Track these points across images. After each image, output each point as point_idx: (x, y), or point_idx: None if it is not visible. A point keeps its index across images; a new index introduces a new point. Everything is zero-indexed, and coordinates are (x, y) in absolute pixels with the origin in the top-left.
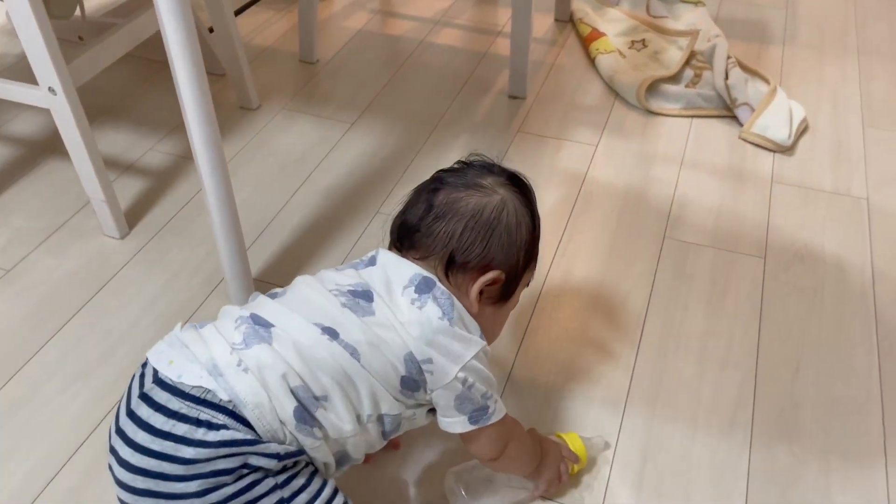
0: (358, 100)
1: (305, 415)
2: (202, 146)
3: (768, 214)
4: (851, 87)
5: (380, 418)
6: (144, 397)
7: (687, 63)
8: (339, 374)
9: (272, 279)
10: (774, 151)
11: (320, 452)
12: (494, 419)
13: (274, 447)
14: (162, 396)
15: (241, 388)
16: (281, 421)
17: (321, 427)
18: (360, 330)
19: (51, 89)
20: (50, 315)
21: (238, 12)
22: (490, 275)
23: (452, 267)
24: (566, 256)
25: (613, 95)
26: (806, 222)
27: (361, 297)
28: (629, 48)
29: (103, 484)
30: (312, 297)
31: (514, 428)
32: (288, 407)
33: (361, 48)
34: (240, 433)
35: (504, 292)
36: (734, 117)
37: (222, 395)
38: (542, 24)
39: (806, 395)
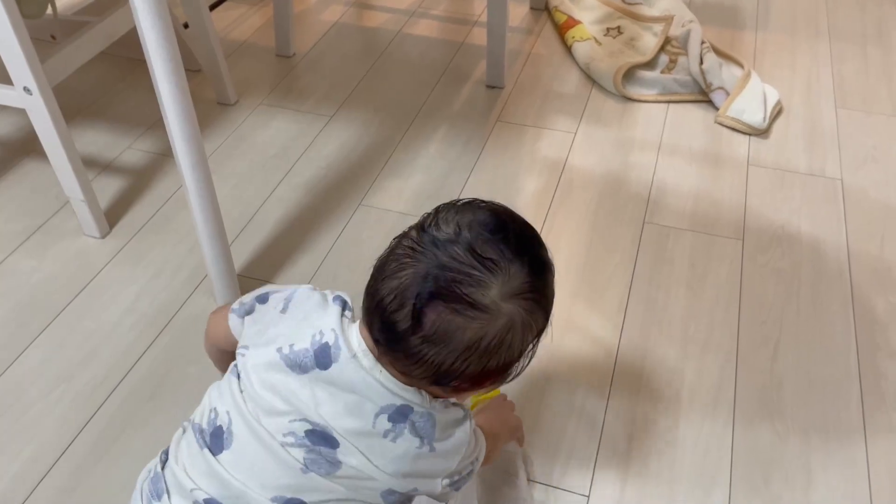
0: (336, 93)
1: None
2: (182, 143)
3: (745, 197)
4: (823, 70)
5: None
6: None
7: (662, 49)
8: None
9: (256, 274)
10: (750, 135)
11: None
12: (477, 466)
13: None
14: None
15: None
16: None
17: None
18: (328, 490)
19: (26, 89)
20: (32, 317)
21: (213, 7)
22: (484, 388)
23: (439, 387)
24: (548, 244)
25: (590, 83)
26: (782, 204)
27: (322, 443)
28: (605, 35)
29: (93, 484)
30: (264, 458)
31: (487, 445)
32: None
33: (338, 41)
34: None
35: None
36: (710, 102)
37: None
38: (518, 13)
39: (786, 373)
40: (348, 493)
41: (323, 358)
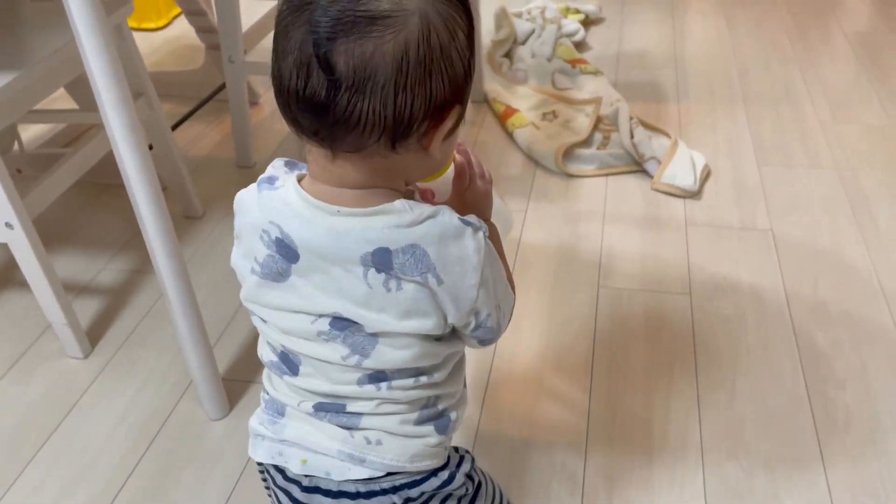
0: None
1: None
2: (164, 256)
3: (687, 254)
4: (743, 131)
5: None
6: None
7: (595, 128)
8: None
9: (239, 376)
10: (684, 197)
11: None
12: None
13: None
14: (325, 502)
15: (389, 458)
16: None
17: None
18: (392, 351)
19: (8, 224)
20: (25, 440)
21: (173, 128)
22: (448, 122)
23: (399, 140)
24: (513, 317)
25: (534, 164)
26: (721, 257)
27: (348, 325)
28: (542, 120)
29: None
30: (324, 356)
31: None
32: (428, 431)
33: (294, 148)
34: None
35: (460, 117)
36: (644, 171)
37: (379, 474)
38: None
39: (745, 411)
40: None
41: (287, 251)
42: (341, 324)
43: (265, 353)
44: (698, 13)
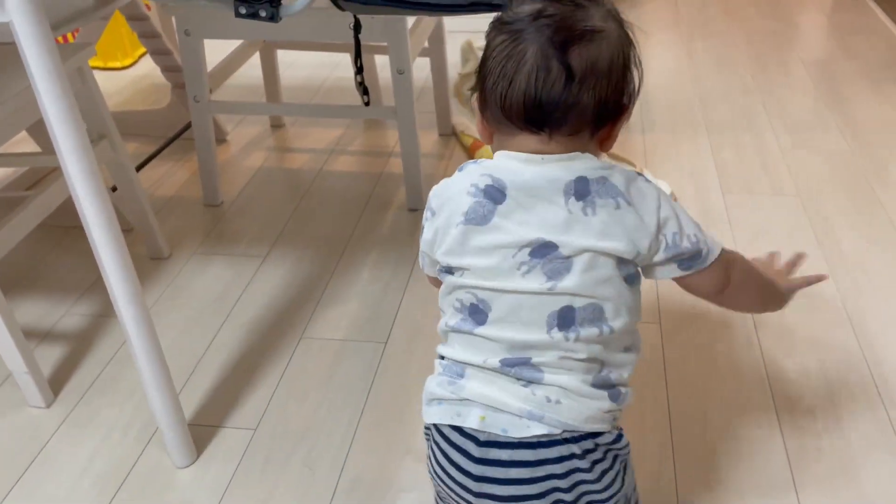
0: (267, 234)
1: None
2: (125, 302)
3: (656, 283)
4: (706, 161)
5: None
6: (485, 462)
7: None
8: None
9: (206, 421)
10: None
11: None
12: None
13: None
14: (502, 454)
15: (566, 416)
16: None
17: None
18: (582, 282)
19: None
20: None
21: (139, 168)
22: (623, 121)
23: (597, 128)
24: None
25: None
26: None
27: (546, 251)
28: None
29: None
30: (521, 300)
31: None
32: (602, 395)
33: (263, 185)
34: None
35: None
36: None
37: (557, 432)
38: (429, 140)
39: (718, 441)
40: (602, 272)
41: (494, 196)
42: (541, 251)
43: (450, 315)
44: (659, 45)
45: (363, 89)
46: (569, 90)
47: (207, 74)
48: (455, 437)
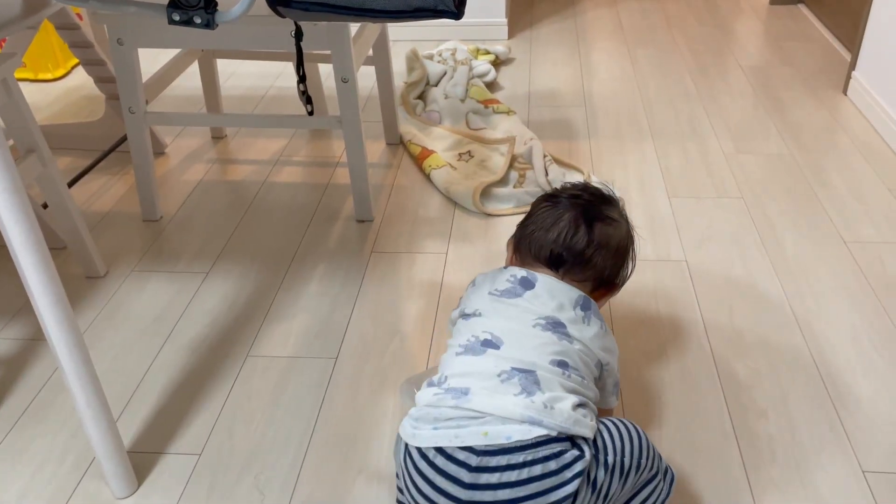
0: (209, 249)
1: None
2: (55, 327)
3: None
4: (652, 166)
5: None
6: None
7: (510, 166)
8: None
9: (147, 448)
10: None
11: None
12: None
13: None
14: (500, 460)
15: (560, 420)
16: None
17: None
18: (576, 354)
19: None
20: None
21: (71, 183)
22: (612, 293)
23: (597, 287)
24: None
25: (452, 205)
26: (639, 289)
27: (558, 327)
28: (458, 160)
29: None
30: (531, 341)
31: None
32: (585, 412)
33: (205, 198)
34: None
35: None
36: None
37: (554, 433)
38: (376, 149)
39: (673, 448)
40: (585, 360)
41: (526, 284)
42: (553, 324)
43: (461, 341)
44: (603, 52)
45: (306, 98)
46: (586, 249)
47: (143, 85)
48: (440, 461)
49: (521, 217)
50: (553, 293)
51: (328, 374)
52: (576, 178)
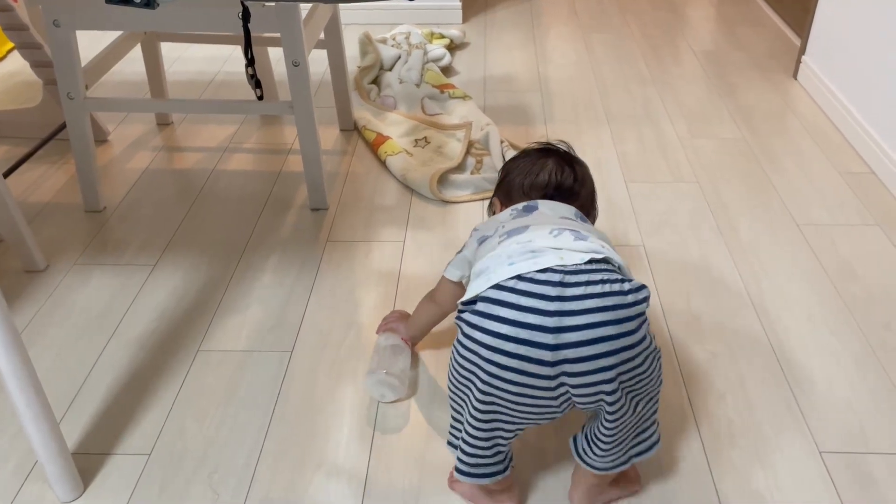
0: (156, 240)
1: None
2: None
3: None
4: (608, 151)
5: None
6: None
7: (468, 152)
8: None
9: (93, 448)
10: None
11: None
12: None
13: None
14: (580, 277)
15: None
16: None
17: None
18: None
19: None
20: None
21: (8, 173)
22: (591, 220)
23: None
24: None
25: (409, 192)
26: None
27: (571, 228)
28: (414, 146)
29: None
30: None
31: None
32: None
33: (150, 188)
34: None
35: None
36: None
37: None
38: (329, 136)
39: None
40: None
41: (529, 209)
42: (566, 226)
43: (504, 223)
44: (558, 37)
45: (255, 82)
46: (574, 184)
47: (82, 69)
48: (524, 285)
49: (480, 203)
50: (555, 209)
51: (283, 368)
52: None
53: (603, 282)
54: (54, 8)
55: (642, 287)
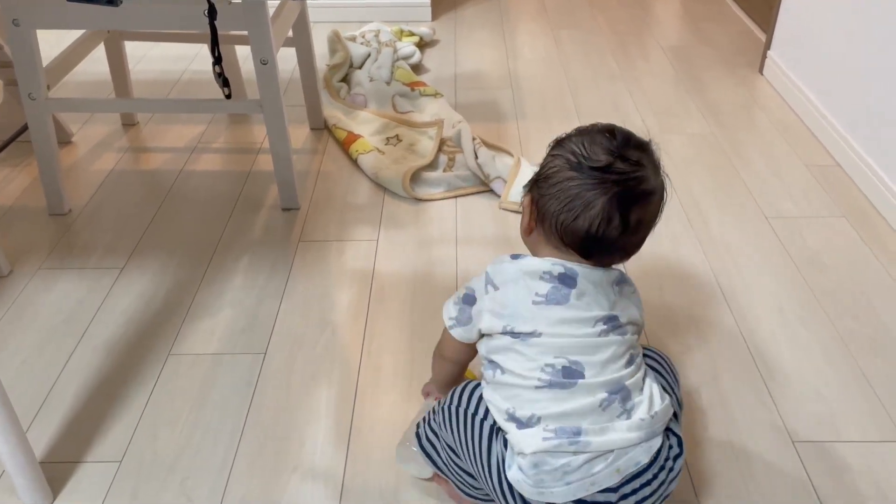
0: (123, 243)
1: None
2: None
3: None
4: None
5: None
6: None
7: (440, 150)
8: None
9: (62, 457)
10: None
11: None
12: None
13: None
14: (635, 484)
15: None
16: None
17: None
18: (633, 337)
19: None
20: None
21: None
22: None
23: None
24: (372, 354)
25: (382, 190)
26: None
27: (614, 328)
28: (386, 145)
29: None
30: (604, 353)
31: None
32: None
33: (117, 189)
34: None
35: None
36: (491, 191)
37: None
38: (300, 134)
39: None
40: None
41: (567, 282)
42: (609, 320)
43: (535, 373)
44: (528, 34)
45: (223, 80)
46: (621, 237)
47: (44, 69)
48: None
49: (453, 200)
50: (596, 285)
51: (257, 371)
52: (506, 160)
53: (654, 477)
54: (14, 6)
55: (679, 455)
